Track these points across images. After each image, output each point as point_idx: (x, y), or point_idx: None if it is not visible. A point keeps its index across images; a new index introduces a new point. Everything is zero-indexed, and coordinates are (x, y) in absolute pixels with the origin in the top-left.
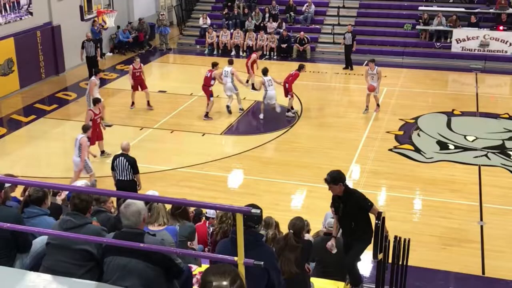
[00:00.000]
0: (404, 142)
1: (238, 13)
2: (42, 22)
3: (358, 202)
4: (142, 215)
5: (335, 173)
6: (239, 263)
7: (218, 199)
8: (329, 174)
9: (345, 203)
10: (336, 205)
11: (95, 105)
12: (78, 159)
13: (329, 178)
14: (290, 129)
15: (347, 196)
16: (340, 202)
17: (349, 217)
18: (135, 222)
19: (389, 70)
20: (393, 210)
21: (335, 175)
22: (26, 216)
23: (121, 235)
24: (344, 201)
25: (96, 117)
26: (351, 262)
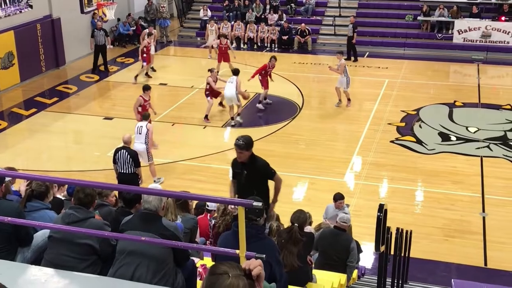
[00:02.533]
0: (406, 133)
1: (239, 5)
2: (42, 15)
3: (262, 169)
4: (163, 201)
5: (248, 138)
6: (241, 256)
7: (220, 191)
8: (243, 139)
9: (249, 170)
10: (238, 171)
11: (145, 92)
12: (143, 146)
13: (243, 144)
14: (291, 121)
15: (252, 163)
16: (243, 169)
17: (251, 184)
18: (156, 206)
19: (390, 61)
20: (395, 202)
21: (249, 140)
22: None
23: (140, 216)
24: (248, 167)
25: (145, 103)
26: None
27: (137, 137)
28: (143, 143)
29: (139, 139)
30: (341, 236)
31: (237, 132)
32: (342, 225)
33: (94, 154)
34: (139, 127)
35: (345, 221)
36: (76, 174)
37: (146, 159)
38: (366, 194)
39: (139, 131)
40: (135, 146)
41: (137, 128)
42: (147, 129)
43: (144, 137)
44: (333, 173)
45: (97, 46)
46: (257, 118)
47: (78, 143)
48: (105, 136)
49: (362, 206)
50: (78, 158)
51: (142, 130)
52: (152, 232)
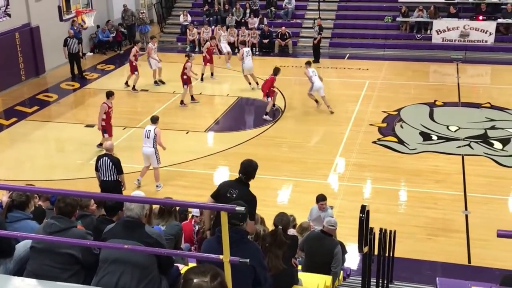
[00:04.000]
0: (388, 134)
1: (219, 10)
2: (21, 23)
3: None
4: (145, 209)
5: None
6: (225, 261)
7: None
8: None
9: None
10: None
11: (108, 99)
12: (151, 150)
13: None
14: (274, 124)
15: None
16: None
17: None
18: (138, 214)
19: (370, 63)
20: (378, 202)
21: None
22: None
23: (123, 224)
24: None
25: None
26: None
27: (145, 141)
28: (151, 146)
29: (147, 143)
30: (325, 241)
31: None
32: (330, 229)
33: (76, 162)
34: (147, 131)
35: (332, 224)
36: (59, 183)
37: (155, 162)
38: (349, 195)
39: (147, 135)
40: (144, 150)
41: (145, 132)
42: (155, 134)
43: (152, 141)
44: (317, 175)
45: (71, 54)
46: (240, 121)
47: (60, 151)
48: (87, 144)
49: (346, 207)
50: (60, 166)
51: (150, 134)
52: (135, 239)
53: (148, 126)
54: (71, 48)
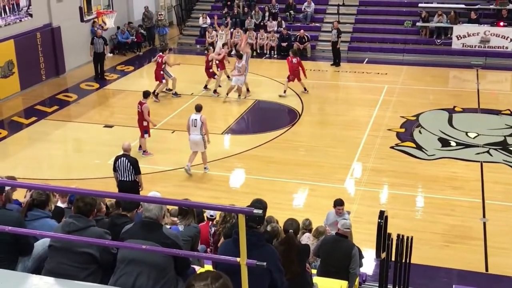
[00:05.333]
0: (406, 139)
1: (238, 12)
2: (42, 23)
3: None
4: (163, 210)
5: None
6: (242, 263)
7: (220, 199)
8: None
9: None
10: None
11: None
12: (199, 136)
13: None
14: (291, 127)
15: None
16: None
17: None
18: (156, 214)
19: (389, 67)
20: (395, 208)
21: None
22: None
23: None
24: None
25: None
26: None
27: (192, 130)
28: (199, 134)
29: (194, 131)
30: (342, 243)
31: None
32: (345, 232)
33: (95, 162)
34: (193, 120)
35: (347, 227)
36: (77, 182)
37: (203, 148)
38: (366, 200)
39: (194, 124)
40: (192, 137)
41: (191, 121)
42: (201, 122)
43: (199, 128)
44: (333, 179)
45: (96, 54)
46: (257, 124)
47: (78, 151)
48: (105, 144)
49: (363, 212)
50: (78, 166)
51: (196, 122)
52: (153, 240)
53: (193, 115)
54: (97, 47)
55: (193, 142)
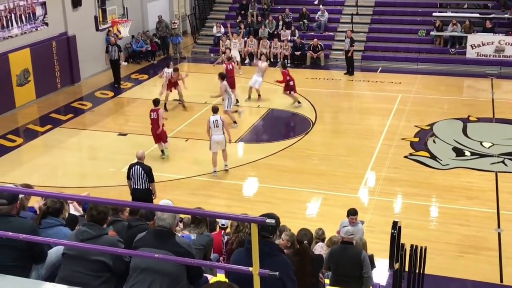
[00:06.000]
0: (420, 149)
1: (251, 21)
2: (58, 32)
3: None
4: (176, 218)
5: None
6: (254, 273)
7: (233, 207)
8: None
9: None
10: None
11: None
12: (222, 136)
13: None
14: (304, 136)
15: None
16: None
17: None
18: (169, 223)
19: (403, 76)
20: (409, 218)
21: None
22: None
23: (154, 233)
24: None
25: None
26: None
27: (215, 130)
28: (221, 133)
29: (217, 131)
30: (349, 250)
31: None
32: (349, 238)
33: (109, 170)
34: (214, 121)
35: (351, 233)
36: (91, 190)
37: (224, 146)
38: (380, 210)
39: (215, 125)
40: (216, 138)
41: (213, 122)
42: (222, 121)
43: (221, 128)
44: (347, 188)
45: (112, 61)
46: (270, 133)
47: (92, 159)
48: (119, 152)
49: (376, 222)
50: (92, 174)
51: (218, 123)
52: (165, 249)
53: (211, 117)
54: (112, 55)
55: (216, 142)
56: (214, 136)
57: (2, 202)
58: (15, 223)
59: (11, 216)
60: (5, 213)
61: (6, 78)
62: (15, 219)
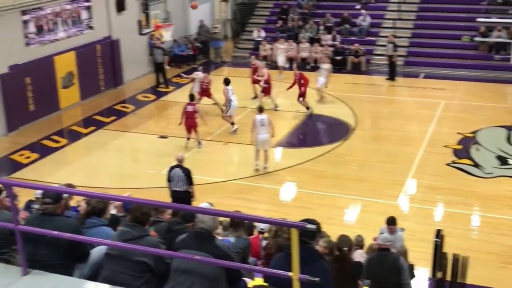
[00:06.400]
0: (463, 156)
1: (292, 26)
2: (102, 36)
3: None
4: (216, 221)
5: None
6: (294, 278)
7: (271, 212)
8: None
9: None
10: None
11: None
12: (267, 135)
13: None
14: (344, 142)
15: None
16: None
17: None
18: (210, 226)
19: (446, 82)
20: (450, 227)
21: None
22: (86, 227)
23: (195, 235)
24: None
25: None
26: None
27: (261, 129)
28: (267, 133)
29: (264, 129)
30: (387, 257)
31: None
32: (386, 245)
33: (149, 172)
34: (261, 120)
35: (389, 240)
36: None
37: (268, 146)
38: (420, 217)
39: (262, 123)
40: (262, 137)
41: (260, 121)
42: (268, 120)
43: (267, 128)
44: (386, 195)
45: (156, 64)
46: (308, 138)
47: (134, 161)
48: (160, 154)
49: (416, 230)
50: (133, 175)
51: (265, 121)
52: (205, 251)
53: (258, 116)
54: (157, 57)
55: (262, 141)
56: (260, 135)
57: (47, 201)
58: (60, 222)
59: (56, 215)
60: (50, 212)
61: (52, 80)
62: (60, 218)
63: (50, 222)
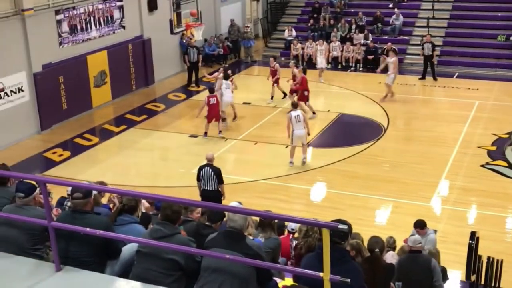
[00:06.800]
0: (497, 158)
1: (324, 25)
2: (134, 35)
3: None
4: (247, 221)
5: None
6: (325, 279)
7: (301, 212)
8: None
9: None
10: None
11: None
12: (304, 130)
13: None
14: (376, 142)
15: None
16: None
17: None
18: (241, 225)
19: (480, 82)
20: (484, 229)
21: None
22: (118, 224)
23: (225, 234)
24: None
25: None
26: None
27: (298, 125)
28: (303, 128)
29: (299, 126)
30: (419, 258)
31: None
32: (417, 247)
33: (179, 171)
34: (297, 116)
35: (419, 242)
36: (162, 190)
37: (305, 140)
38: (453, 220)
39: (297, 119)
40: (299, 132)
41: (295, 117)
42: (303, 116)
43: (303, 123)
44: (419, 197)
45: (190, 63)
46: (340, 138)
47: (164, 159)
48: (190, 154)
49: (449, 232)
50: (163, 174)
51: (300, 118)
52: (236, 250)
53: (293, 112)
54: (191, 57)
55: (299, 137)
56: (296, 131)
57: (76, 196)
58: (91, 219)
59: (87, 213)
60: (80, 209)
61: (84, 79)
62: (90, 216)
63: (81, 220)
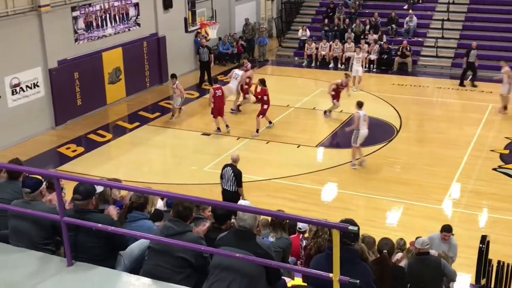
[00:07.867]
0: (510, 161)
1: (338, 25)
2: (149, 33)
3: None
4: (257, 220)
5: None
6: (334, 280)
7: (311, 212)
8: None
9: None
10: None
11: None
12: (367, 131)
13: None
14: (388, 143)
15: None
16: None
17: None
18: (250, 224)
19: (494, 85)
20: (495, 233)
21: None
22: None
23: (235, 233)
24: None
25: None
26: None
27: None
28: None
29: (365, 125)
30: (428, 260)
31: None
32: (425, 249)
33: (191, 168)
34: (363, 115)
35: (427, 243)
36: (173, 187)
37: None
38: (464, 223)
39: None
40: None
41: (363, 116)
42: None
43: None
44: (430, 199)
45: (202, 63)
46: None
47: (176, 157)
48: (202, 152)
49: (460, 235)
50: (175, 171)
51: (366, 117)
52: (246, 249)
53: (360, 111)
54: (202, 57)
55: (364, 136)
56: (362, 131)
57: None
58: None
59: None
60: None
61: (99, 76)
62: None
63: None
